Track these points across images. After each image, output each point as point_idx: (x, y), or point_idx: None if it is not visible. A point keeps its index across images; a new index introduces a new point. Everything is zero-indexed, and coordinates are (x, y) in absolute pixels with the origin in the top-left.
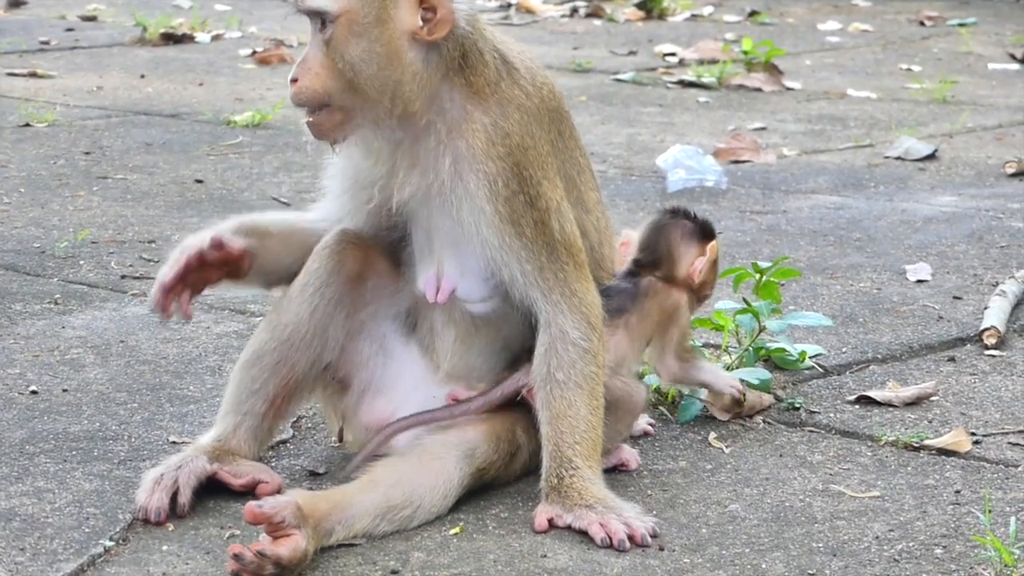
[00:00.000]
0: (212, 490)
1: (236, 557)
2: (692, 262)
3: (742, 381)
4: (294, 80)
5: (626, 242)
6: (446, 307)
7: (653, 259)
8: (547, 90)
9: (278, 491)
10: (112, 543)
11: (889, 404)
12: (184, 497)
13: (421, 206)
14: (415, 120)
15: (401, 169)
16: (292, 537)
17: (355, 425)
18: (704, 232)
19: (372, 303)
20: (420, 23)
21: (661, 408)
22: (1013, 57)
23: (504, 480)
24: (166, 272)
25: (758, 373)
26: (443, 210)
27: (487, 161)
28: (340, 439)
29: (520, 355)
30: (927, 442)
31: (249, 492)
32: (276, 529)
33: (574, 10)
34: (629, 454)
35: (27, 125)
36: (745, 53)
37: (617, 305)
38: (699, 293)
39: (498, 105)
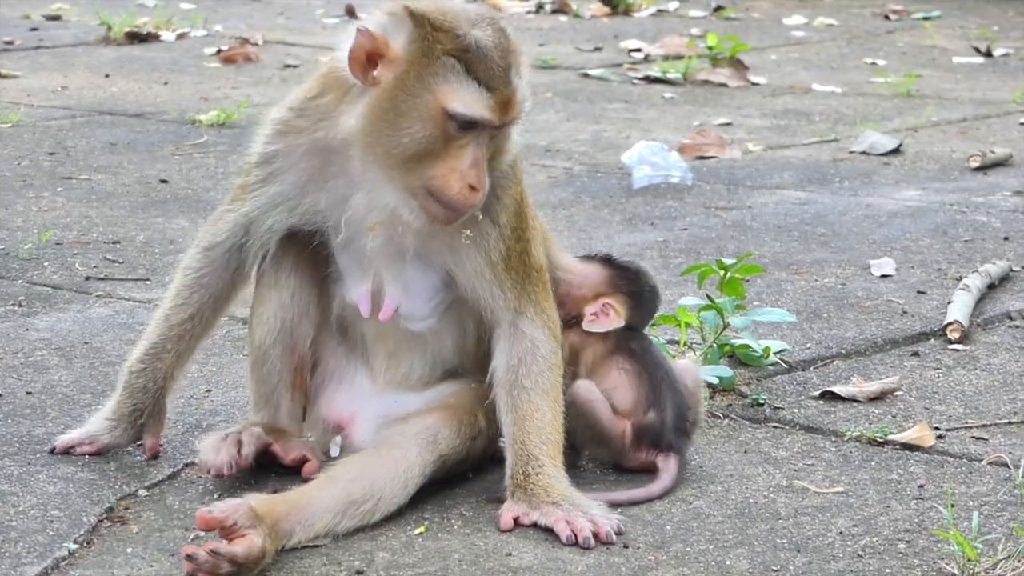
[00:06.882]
0: (177, 488)
1: (190, 558)
2: None
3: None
4: (474, 188)
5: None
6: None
7: None
8: None
9: (318, 470)
10: (76, 546)
11: (853, 399)
12: (247, 449)
13: (361, 235)
14: None
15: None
16: (247, 536)
17: (314, 416)
18: None
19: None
20: None
21: None
22: (977, 50)
23: (464, 465)
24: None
25: (719, 371)
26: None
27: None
28: None
29: (454, 366)
30: (891, 437)
31: (297, 468)
32: (229, 532)
33: (540, 6)
34: None
35: None
36: (710, 48)
37: None
38: None
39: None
